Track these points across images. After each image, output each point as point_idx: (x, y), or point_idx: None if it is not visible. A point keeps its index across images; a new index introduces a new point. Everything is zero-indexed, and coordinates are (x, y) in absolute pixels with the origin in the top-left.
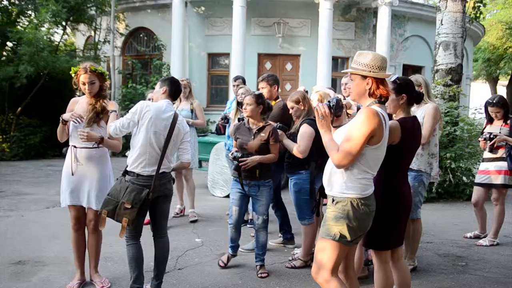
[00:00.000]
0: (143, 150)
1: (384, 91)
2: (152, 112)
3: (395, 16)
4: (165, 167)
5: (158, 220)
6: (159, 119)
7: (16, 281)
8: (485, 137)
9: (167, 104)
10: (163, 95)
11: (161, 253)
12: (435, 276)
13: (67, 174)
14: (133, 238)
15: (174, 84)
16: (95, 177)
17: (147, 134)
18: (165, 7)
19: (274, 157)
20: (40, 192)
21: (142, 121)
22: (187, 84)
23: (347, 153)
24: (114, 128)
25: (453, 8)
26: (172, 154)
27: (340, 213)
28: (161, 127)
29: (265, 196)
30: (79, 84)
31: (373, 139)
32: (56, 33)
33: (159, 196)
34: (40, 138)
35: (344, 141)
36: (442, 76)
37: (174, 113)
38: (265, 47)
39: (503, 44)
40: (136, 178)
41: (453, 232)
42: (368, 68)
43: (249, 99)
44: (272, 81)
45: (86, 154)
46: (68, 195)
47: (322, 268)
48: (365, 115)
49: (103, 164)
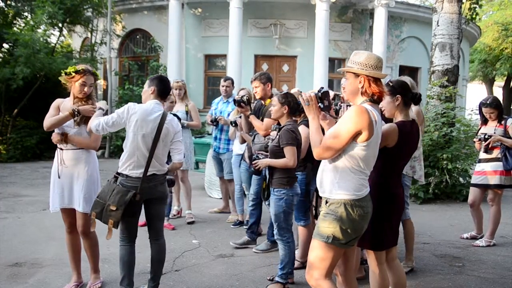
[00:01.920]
0: (132, 152)
1: (376, 89)
2: (138, 114)
3: (392, 17)
4: (155, 169)
5: (152, 222)
6: (146, 121)
7: (13, 283)
8: (480, 138)
9: (155, 104)
10: (152, 95)
11: (156, 255)
12: (432, 277)
13: (54, 178)
14: (125, 239)
15: (163, 83)
16: (82, 179)
17: (135, 136)
18: (161, 9)
19: (286, 161)
20: (37, 194)
21: (129, 124)
22: (182, 86)
23: (329, 147)
24: (97, 124)
25: (449, 10)
26: (164, 155)
27: (333, 214)
28: (149, 129)
29: (272, 206)
30: (73, 84)
31: (361, 136)
32: (53, 34)
33: (151, 198)
34: (37, 140)
35: (329, 135)
36: (438, 77)
37: (163, 113)
38: (262, 49)
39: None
40: (125, 180)
41: (450, 233)
42: (361, 67)
43: (274, 100)
44: (265, 79)
45: (72, 155)
46: (57, 199)
47: (314, 270)
48: (353, 112)
49: (90, 166)
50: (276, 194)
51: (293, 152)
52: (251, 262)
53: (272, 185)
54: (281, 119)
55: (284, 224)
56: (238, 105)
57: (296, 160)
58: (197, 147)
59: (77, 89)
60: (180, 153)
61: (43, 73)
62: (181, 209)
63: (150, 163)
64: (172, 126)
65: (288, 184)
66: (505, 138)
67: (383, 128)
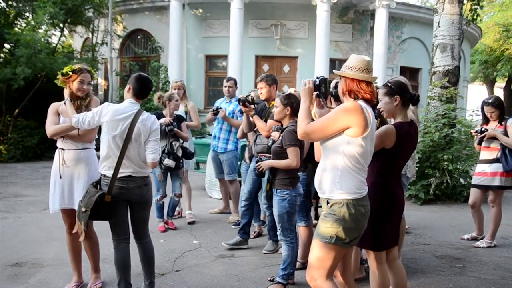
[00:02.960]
0: (107, 153)
1: (363, 92)
2: (108, 115)
3: (393, 18)
4: (129, 170)
5: (134, 225)
6: (115, 121)
7: (13, 283)
8: (477, 130)
9: (128, 103)
10: (128, 93)
11: (144, 254)
12: (432, 278)
13: (55, 178)
14: (116, 241)
15: (139, 82)
16: (83, 180)
17: (107, 137)
18: (162, 9)
19: (289, 162)
20: (37, 194)
21: (102, 125)
22: (181, 86)
23: (316, 129)
24: (76, 120)
25: (450, 10)
26: (140, 155)
27: (336, 215)
28: (118, 129)
29: (275, 207)
30: (71, 83)
31: (354, 130)
32: (54, 35)
33: (132, 202)
34: (38, 140)
35: (321, 119)
36: (439, 78)
37: (136, 112)
38: (263, 49)
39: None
40: (103, 179)
41: (451, 234)
42: (350, 70)
43: (276, 101)
44: (271, 81)
45: (73, 156)
46: (58, 199)
47: (315, 270)
48: (348, 105)
49: (90, 166)
50: (279, 195)
51: (296, 152)
52: (251, 262)
53: (274, 186)
54: (283, 120)
55: (287, 225)
56: (243, 105)
57: (299, 160)
58: (198, 148)
59: (76, 88)
60: (154, 153)
61: (44, 73)
62: (181, 209)
63: (121, 164)
64: (145, 125)
65: (290, 184)
66: (501, 135)
67: (380, 129)
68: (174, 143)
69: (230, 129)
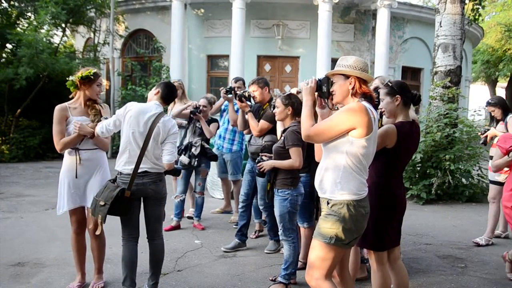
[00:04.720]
0: (124, 149)
1: (366, 89)
2: (132, 111)
3: (394, 18)
4: (147, 166)
5: (148, 222)
6: (138, 118)
7: (16, 283)
8: (481, 131)
9: (153, 104)
10: (155, 96)
11: (153, 255)
12: (434, 278)
13: (70, 178)
14: (126, 238)
15: (168, 88)
16: (96, 178)
17: (127, 133)
18: (164, 9)
19: (292, 162)
20: (39, 194)
21: (124, 120)
22: (180, 86)
23: (320, 131)
24: (101, 127)
25: (452, 10)
26: (156, 154)
27: (336, 215)
28: (141, 126)
29: (277, 207)
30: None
31: (358, 131)
32: (56, 35)
33: (146, 197)
34: (40, 140)
35: (325, 121)
36: (441, 78)
37: (158, 113)
38: (265, 49)
39: (502, 46)
40: (120, 177)
41: (452, 234)
42: (350, 69)
43: (277, 102)
44: (263, 83)
45: (87, 156)
46: (69, 200)
47: (315, 270)
48: (353, 106)
49: (103, 166)
50: (280, 195)
51: (298, 153)
52: (253, 262)
53: (276, 186)
54: (285, 120)
55: (289, 225)
56: (239, 99)
57: (302, 161)
58: None
59: (94, 91)
60: (170, 154)
61: (46, 73)
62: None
63: (142, 160)
64: (166, 127)
65: (292, 184)
66: (500, 133)
67: (381, 129)
68: (196, 141)
69: (236, 129)
